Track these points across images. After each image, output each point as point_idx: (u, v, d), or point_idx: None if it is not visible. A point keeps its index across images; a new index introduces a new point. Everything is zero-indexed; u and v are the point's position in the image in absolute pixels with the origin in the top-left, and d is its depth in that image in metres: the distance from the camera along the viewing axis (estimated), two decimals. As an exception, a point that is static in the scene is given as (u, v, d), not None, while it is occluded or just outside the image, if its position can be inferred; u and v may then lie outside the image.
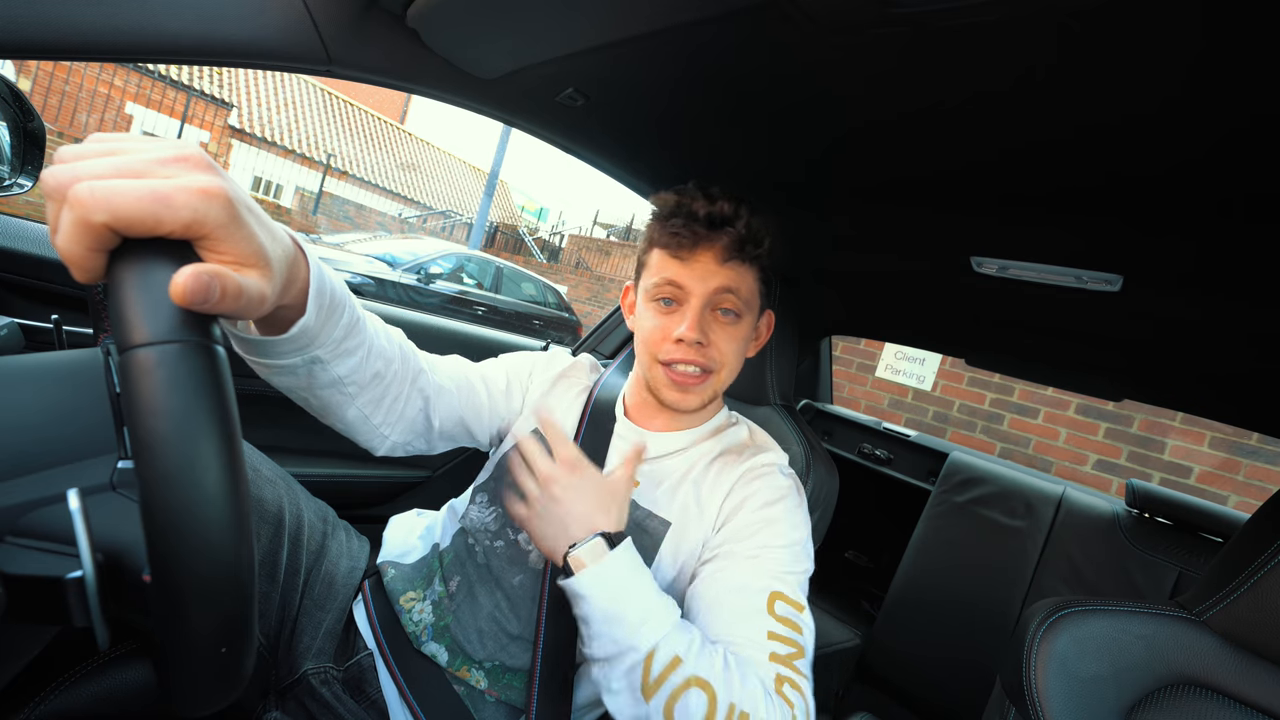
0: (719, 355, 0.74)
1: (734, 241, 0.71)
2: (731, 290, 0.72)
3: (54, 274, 0.86)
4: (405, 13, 0.66)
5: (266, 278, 0.36)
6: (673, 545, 0.73)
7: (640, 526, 0.75)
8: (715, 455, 0.79)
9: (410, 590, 0.77)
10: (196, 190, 0.31)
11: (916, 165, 0.73)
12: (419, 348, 0.72)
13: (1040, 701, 0.61)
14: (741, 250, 0.72)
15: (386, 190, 14.77)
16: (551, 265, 12.77)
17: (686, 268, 0.72)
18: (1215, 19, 0.38)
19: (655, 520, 0.75)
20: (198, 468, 0.28)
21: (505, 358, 0.89)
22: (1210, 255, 0.69)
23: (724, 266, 0.72)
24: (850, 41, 0.52)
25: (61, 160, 0.32)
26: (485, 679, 0.70)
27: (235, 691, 0.33)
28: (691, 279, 0.72)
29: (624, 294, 0.86)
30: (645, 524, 0.75)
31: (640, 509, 0.76)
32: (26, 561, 0.33)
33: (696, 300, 0.72)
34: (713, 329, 0.73)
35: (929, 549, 1.69)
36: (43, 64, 7.76)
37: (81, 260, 0.30)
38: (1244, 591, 0.58)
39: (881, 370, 3.95)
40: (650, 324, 0.75)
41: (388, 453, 0.70)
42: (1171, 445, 3.05)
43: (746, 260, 0.73)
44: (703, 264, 0.72)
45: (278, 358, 0.51)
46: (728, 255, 0.72)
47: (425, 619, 0.74)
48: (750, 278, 0.74)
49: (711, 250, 0.72)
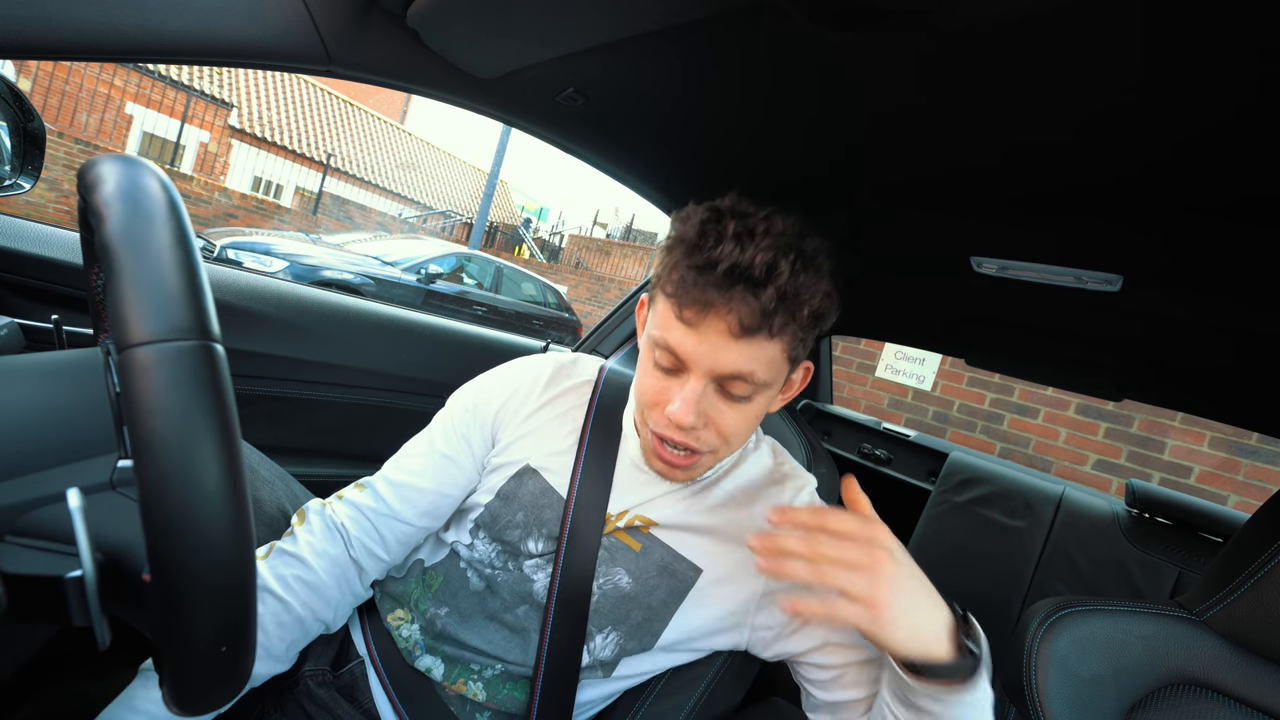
0: (717, 438, 0.60)
1: (759, 313, 0.53)
2: (743, 375, 0.55)
3: (54, 274, 0.86)
4: (405, 13, 0.66)
5: None
6: (699, 595, 0.68)
7: (667, 569, 0.68)
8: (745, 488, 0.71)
9: (399, 609, 0.74)
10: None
11: (917, 165, 0.73)
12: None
13: (1040, 701, 0.61)
14: (768, 321, 0.53)
15: (386, 190, 14.76)
16: (551, 265, 12.77)
17: (691, 336, 0.55)
18: (1212, 18, 0.38)
19: (684, 564, 0.68)
20: (197, 466, 0.28)
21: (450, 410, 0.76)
22: (1210, 255, 0.69)
23: (739, 341, 0.54)
24: (849, 41, 0.52)
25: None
26: (484, 691, 0.68)
27: (235, 691, 0.33)
28: (695, 353, 0.55)
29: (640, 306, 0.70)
30: (673, 567, 0.68)
31: (666, 547, 0.69)
32: (26, 561, 0.33)
33: (697, 378, 0.56)
34: (717, 408, 0.58)
35: (929, 549, 1.69)
36: (43, 64, 7.76)
37: None
38: (1244, 591, 0.58)
39: (881, 370, 3.95)
40: (646, 380, 0.61)
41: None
42: (1171, 445, 3.05)
43: (774, 334, 0.54)
44: (713, 337, 0.54)
45: None
46: (744, 330, 0.53)
47: (415, 635, 0.71)
48: (775, 349, 0.56)
49: (726, 320, 0.53)
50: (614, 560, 0.69)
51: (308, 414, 1.13)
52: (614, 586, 0.68)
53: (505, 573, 0.71)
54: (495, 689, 0.69)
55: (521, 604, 0.70)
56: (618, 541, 0.69)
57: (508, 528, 0.71)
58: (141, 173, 0.33)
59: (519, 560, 0.71)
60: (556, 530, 0.69)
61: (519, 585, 0.70)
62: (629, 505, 0.70)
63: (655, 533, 0.69)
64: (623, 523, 0.70)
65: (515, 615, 0.69)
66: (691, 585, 0.68)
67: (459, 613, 0.71)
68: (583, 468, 0.70)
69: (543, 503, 0.70)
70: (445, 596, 0.72)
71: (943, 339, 1.47)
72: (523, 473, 0.72)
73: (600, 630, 0.68)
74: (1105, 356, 1.12)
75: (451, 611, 0.71)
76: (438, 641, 0.70)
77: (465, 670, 0.69)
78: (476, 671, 0.69)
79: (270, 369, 1.06)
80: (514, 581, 0.70)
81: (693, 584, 0.68)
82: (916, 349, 3.10)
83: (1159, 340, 0.97)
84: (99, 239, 0.31)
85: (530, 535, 0.70)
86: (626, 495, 0.71)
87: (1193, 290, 0.78)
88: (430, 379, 1.24)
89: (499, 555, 0.71)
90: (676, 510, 0.70)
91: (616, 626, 0.68)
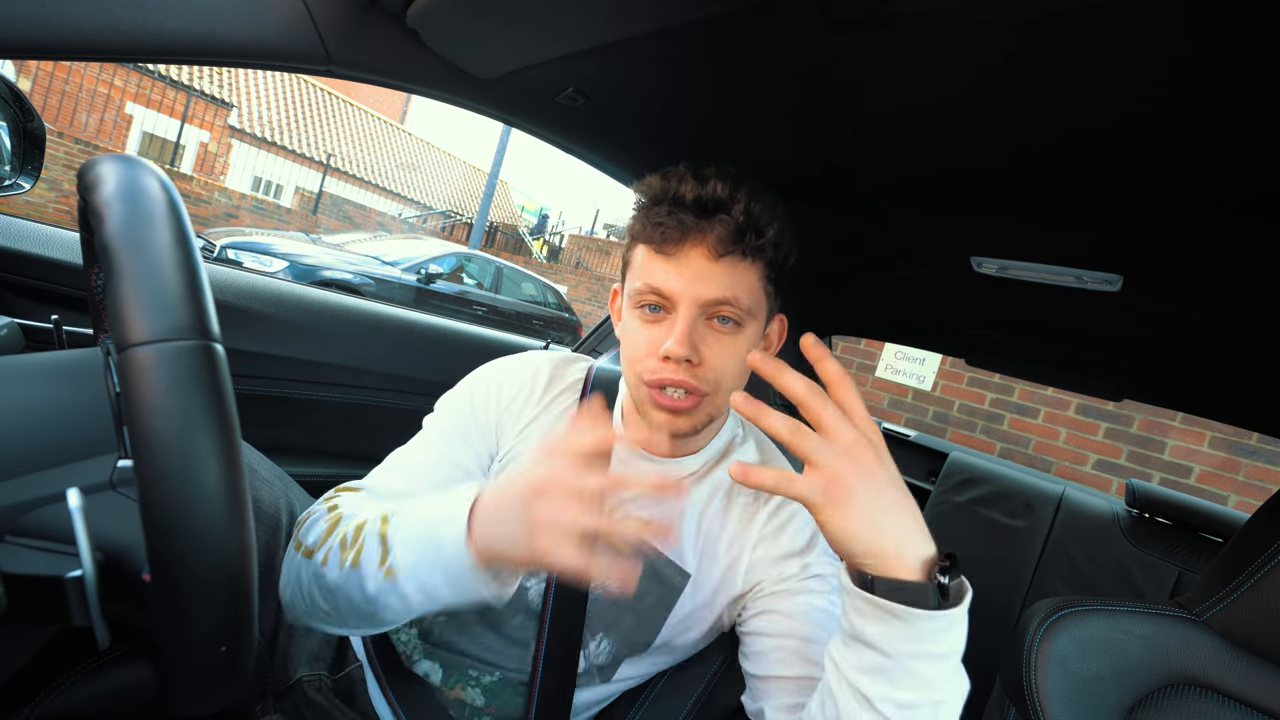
0: (713, 374, 0.60)
1: (730, 232, 0.58)
2: (728, 298, 0.59)
3: (54, 274, 0.86)
4: (405, 13, 0.66)
5: None
6: (690, 600, 0.67)
7: (657, 574, 0.67)
8: (727, 489, 0.70)
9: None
10: None
11: (917, 165, 0.73)
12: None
13: (1040, 701, 0.61)
14: (740, 242, 0.58)
15: (386, 190, 14.76)
16: (551, 265, 12.77)
17: (673, 267, 0.59)
18: (1210, 17, 0.38)
19: (673, 569, 0.67)
20: (197, 466, 0.28)
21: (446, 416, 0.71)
22: (1210, 255, 0.69)
23: (719, 264, 0.59)
24: (851, 41, 0.52)
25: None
26: (482, 697, 0.68)
27: (235, 691, 0.33)
28: (679, 283, 0.59)
29: (612, 298, 0.74)
30: (662, 572, 0.67)
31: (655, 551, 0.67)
32: (26, 561, 0.33)
33: (686, 309, 0.59)
34: (707, 342, 0.60)
35: (929, 549, 1.69)
36: (43, 64, 7.76)
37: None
38: (1244, 591, 0.58)
39: (881, 370, 3.95)
40: (635, 337, 0.63)
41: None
42: (1171, 445, 3.05)
43: (747, 255, 0.59)
44: (693, 263, 0.59)
45: None
46: (723, 249, 0.58)
47: (414, 640, 0.71)
48: (752, 276, 0.61)
49: (702, 245, 0.59)
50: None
51: (308, 414, 1.13)
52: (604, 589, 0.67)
53: None
54: (494, 694, 0.68)
55: (517, 614, 0.68)
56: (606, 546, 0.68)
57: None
58: (141, 173, 0.33)
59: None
60: None
61: (516, 596, 0.68)
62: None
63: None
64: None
65: (512, 625, 0.68)
66: (680, 590, 0.67)
67: (455, 619, 0.69)
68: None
69: None
70: None
71: (943, 339, 1.47)
72: None
73: (594, 636, 0.68)
74: (1105, 356, 1.12)
75: (449, 619, 0.70)
76: (436, 646, 0.70)
77: (464, 676, 0.69)
78: (475, 677, 0.69)
79: (270, 369, 1.06)
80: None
81: (681, 589, 0.67)
82: (916, 349, 3.10)
83: (1159, 340, 0.97)
84: (99, 239, 0.31)
85: None
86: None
87: (1193, 290, 0.78)
88: (430, 379, 1.24)
89: None
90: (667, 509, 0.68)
91: (609, 632, 0.68)
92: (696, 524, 0.68)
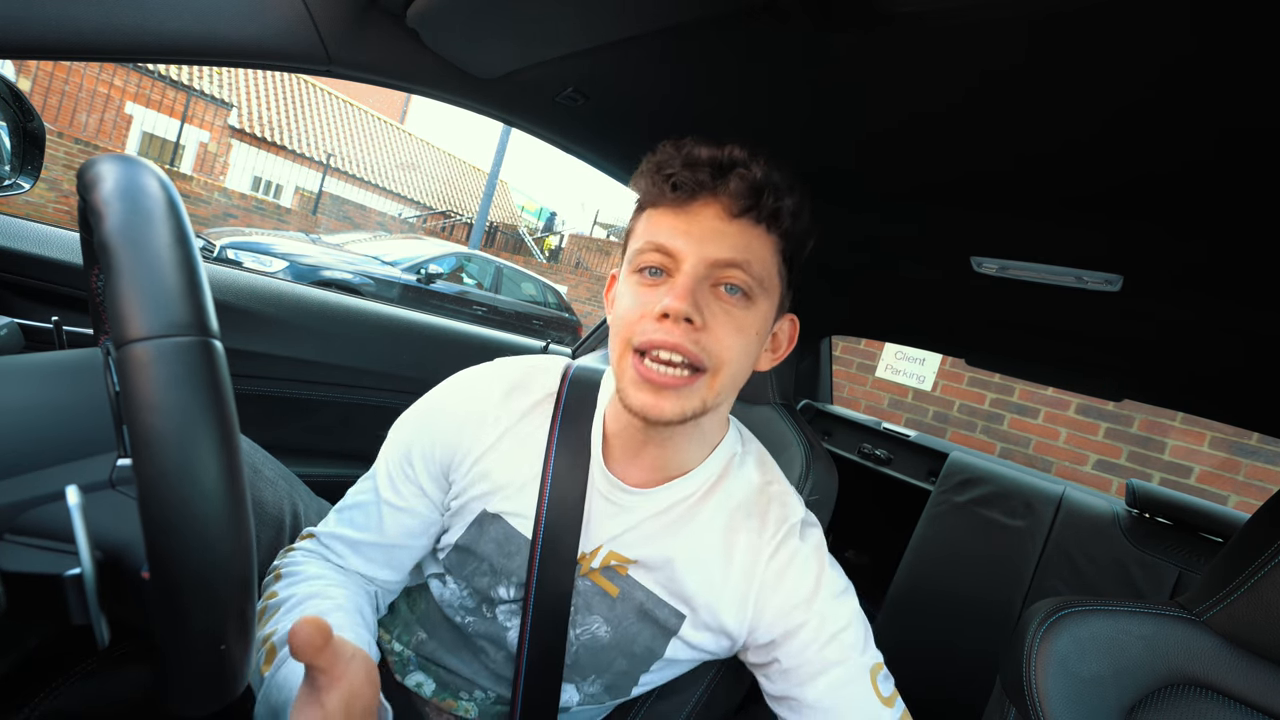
0: (716, 346, 0.52)
1: (748, 188, 0.52)
2: (738, 260, 0.52)
3: (54, 274, 0.86)
4: (405, 13, 0.66)
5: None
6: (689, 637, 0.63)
7: (647, 614, 0.62)
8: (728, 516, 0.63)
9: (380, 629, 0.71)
10: None
11: (918, 165, 0.73)
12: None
13: (1040, 701, 0.61)
14: (758, 203, 0.52)
15: (386, 190, 14.76)
16: (551, 265, 12.77)
17: (681, 224, 0.53)
18: (1211, 17, 0.38)
19: (666, 610, 0.62)
20: (196, 462, 0.28)
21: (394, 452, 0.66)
22: (1210, 256, 0.69)
23: (732, 225, 0.52)
24: (851, 41, 0.52)
25: None
26: (475, 709, 0.67)
27: (235, 691, 0.33)
28: (686, 241, 0.52)
29: (609, 285, 0.66)
30: (654, 613, 0.62)
31: (646, 591, 0.62)
32: (26, 559, 0.33)
33: (690, 265, 0.52)
34: (711, 307, 0.52)
35: (929, 549, 1.69)
36: (43, 64, 7.76)
37: None
38: (1244, 591, 0.58)
39: (881, 370, 3.95)
40: (628, 300, 0.55)
41: None
42: (1171, 445, 3.05)
43: (763, 220, 0.53)
44: (703, 220, 0.52)
45: None
46: (738, 209, 0.52)
47: (406, 653, 0.69)
48: (767, 248, 0.54)
49: (716, 202, 0.52)
50: (590, 608, 0.62)
51: (308, 414, 1.13)
52: (592, 637, 0.63)
53: (478, 618, 0.65)
54: (486, 710, 0.68)
55: (499, 650, 0.65)
56: (593, 585, 0.62)
57: (475, 575, 0.64)
58: (140, 172, 0.33)
59: (492, 606, 0.64)
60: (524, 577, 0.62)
61: (494, 634, 0.65)
62: (603, 540, 0.62)
63: (634, 573, 0.62)
64: (597, 562, 0.62)
65: (494, 661, 0.66)
66: (675, 632, 0.62)
67: (442, 642, 0.68)
68: (548, 504, 0.61)
69: (509, 549, 0.62)
70: (428, 625, 0.69)
71: (943, 339, 1.47)
72: (481, 519, 0.63)
73: (585, 679, 0.65)
74: (1106, 356, 1.12)
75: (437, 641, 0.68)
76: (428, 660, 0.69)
77: (454, 693, 0.68)
78: (467, 694, 0.68)
79: (270, 369, 1.06)
80: (488, 629, 0.65)
81: (676, 630, 0.62)
82: (916, 349, 3.10)
83: (1159, 340, 0.97)
84: (98, 237, 0.31)
85: (500, 583, 0.63)
86: (600, 528, 0.62)
87: (1193, 290, 0.78)
88: (430, 379, 1.23)
89: (471, 597, 0.65)
90: (656, 547, 0.61)
91: (600, 675, 0.65)
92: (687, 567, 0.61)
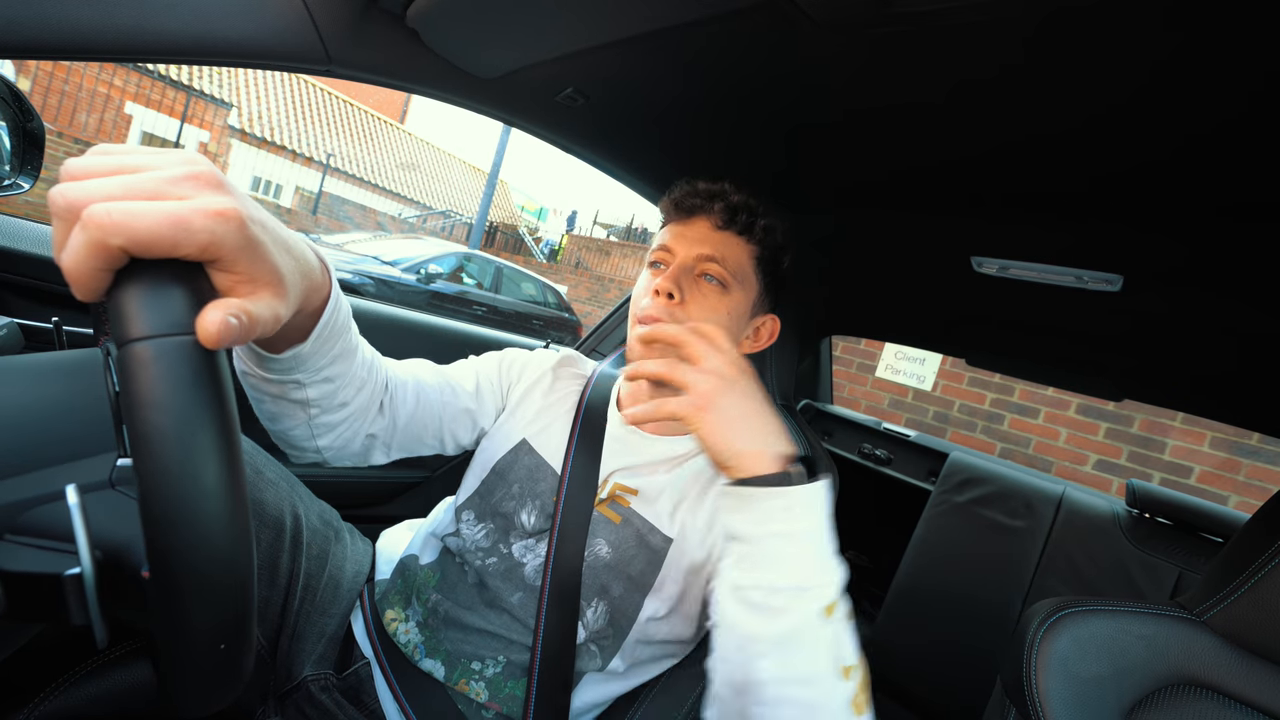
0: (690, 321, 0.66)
1: (726, 208, 0.73)
2: (716, 257, 0.72)
3: (54, 274, 0.86)
4: (405, 13, 0.66)
5: (280, 298, 0.36)
6: (675, 564, 0.71)
7: (643, 540, 0.72)
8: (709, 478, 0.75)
9: (390, 610, 0.75)
10: (213, 213, 0.31)
11: (918, 165, 0.73)
12: (419, 348, 0.71)
13: (1040, 701, 0.61)
14: (733, 219, 0.73)
15: (386, 190, 14.77)
16: (551, 265, 12.78)
17: (680, 231, 0.75)
18: (1208, 16, 0.38)
19: (658, 536, 0.72)
20: (196, 461, 0.28)
21: (475, 359, 0.86)
22: (1210, 256, 0.69)
23: (718, 233, 0.74)
24: (850, 40, 0.52)
25: (69, 176, 0.31)
26: (486, 691, 0.69)
27: (235, 691, 0.33)
28: (682, 241, 0.74)
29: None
30: (648, 538, 0.72)
31: (642, 519, 0.73)
32: (25, 559, 0.33)
33: (680, 259, 0.73)
34: (692, 291, 0.72)
35: (929, 549, 1.69)
36: (43, 64, 7.76)
37: (89, 280, 0.29)
38: (1244, 592, 0.58)
39: (881, 370, 3.95)
40: (639, 286, 0.77)
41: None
42: (1172, 445, 3.05)
43: (742, 233, 0.74)
44: (698, 229, 0.74)
45: (259, 369, 0.51)
46: (723, 222, 0.74)
47: (414, 639, 0.72)
48: (742, 252, 0.75)
49: (707, 219, 0.74)
50: (595, 533, 0.73)
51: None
52: (595, 557, 0.72)
53: (495, 558, 0.74)
54: (497, 688, 0.69)
55: (516, 591, 0.71)
56: (600, 515, 0.74)
57: (503, 499, 0.76)
58: (141, 171, 0.33)
59: (509, 540, 0.74)
60: (550, 502, 0.74)
61: (511, 572, 0.72)
62: (611, 470, 0.76)
63: (635, 505, 0.74)
64: (605, 493, 0.75)
65: (510, 604, 0.71)
66: (665, 555, 0.71)
67: (459, 600, 0.73)
68: (575, 445, 0.77)
69: (538, 475, 0.77)
70: (441, 588, 0.74)
71: (943, 339, 1.47)
72: (519, 448, 0.79)
73: (589, 604, 0.70)
74: (1106, 356, 1.12)
75: (449, 604, 0.73)
76: (438, 639, 0.71)
77: (466, 670, 0.69)
78: (477, 671, 0.69)
79: (270, 369, 1.06)
80: (505, 569, 0.73)
81: (665, 553, 0.71)
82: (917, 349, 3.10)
83: (1159, 340, 0.97)
84: (98, 238, 0.31)
85: (524, 507, 0.75)
86: (609, 461, 0.77)
87: (1194, 290, 0.78)
88: (430, 379, 1.24)
89: (487, 537, 0.75)
90: (655, 481, 0.75)
91: (602, 597, 0.70)
92: (675, 503, 0.73)
